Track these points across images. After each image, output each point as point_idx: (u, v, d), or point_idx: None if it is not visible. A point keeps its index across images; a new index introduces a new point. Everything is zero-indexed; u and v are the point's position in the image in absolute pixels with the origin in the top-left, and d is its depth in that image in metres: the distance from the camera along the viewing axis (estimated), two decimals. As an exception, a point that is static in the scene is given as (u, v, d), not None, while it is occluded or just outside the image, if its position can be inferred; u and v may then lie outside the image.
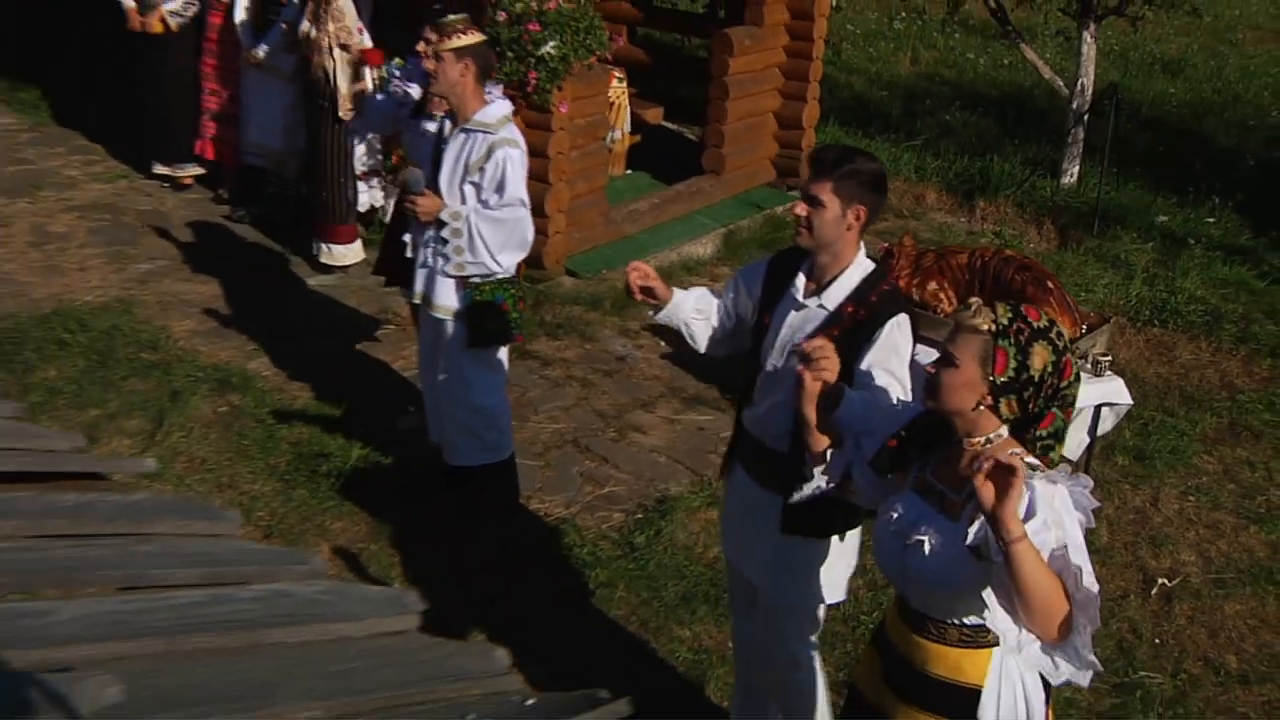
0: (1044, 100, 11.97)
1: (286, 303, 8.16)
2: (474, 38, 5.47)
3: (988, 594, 3.12)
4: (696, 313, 4.30)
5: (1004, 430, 3.10)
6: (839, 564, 4.28)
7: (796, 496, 3.84)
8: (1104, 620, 5.53)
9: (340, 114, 8.13)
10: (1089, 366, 6.16)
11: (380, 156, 8.84)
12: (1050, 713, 3.30)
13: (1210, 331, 8.38)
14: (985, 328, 3.06)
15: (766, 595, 4.29)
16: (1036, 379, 3.05)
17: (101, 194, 9.43)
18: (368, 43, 8.20)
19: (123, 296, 7.96)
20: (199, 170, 9.51)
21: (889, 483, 3.42)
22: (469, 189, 5.55)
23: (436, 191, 5.58)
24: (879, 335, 3.85)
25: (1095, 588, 2.93)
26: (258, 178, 9.20)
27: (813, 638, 4.34)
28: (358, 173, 8.63)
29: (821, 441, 3.58)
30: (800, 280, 4.01)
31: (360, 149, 8.60)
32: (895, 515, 3.31)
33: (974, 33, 14.26)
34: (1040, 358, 3.04)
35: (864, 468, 3.47)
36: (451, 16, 5.47)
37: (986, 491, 2.82)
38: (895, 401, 3.72)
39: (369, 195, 8.80)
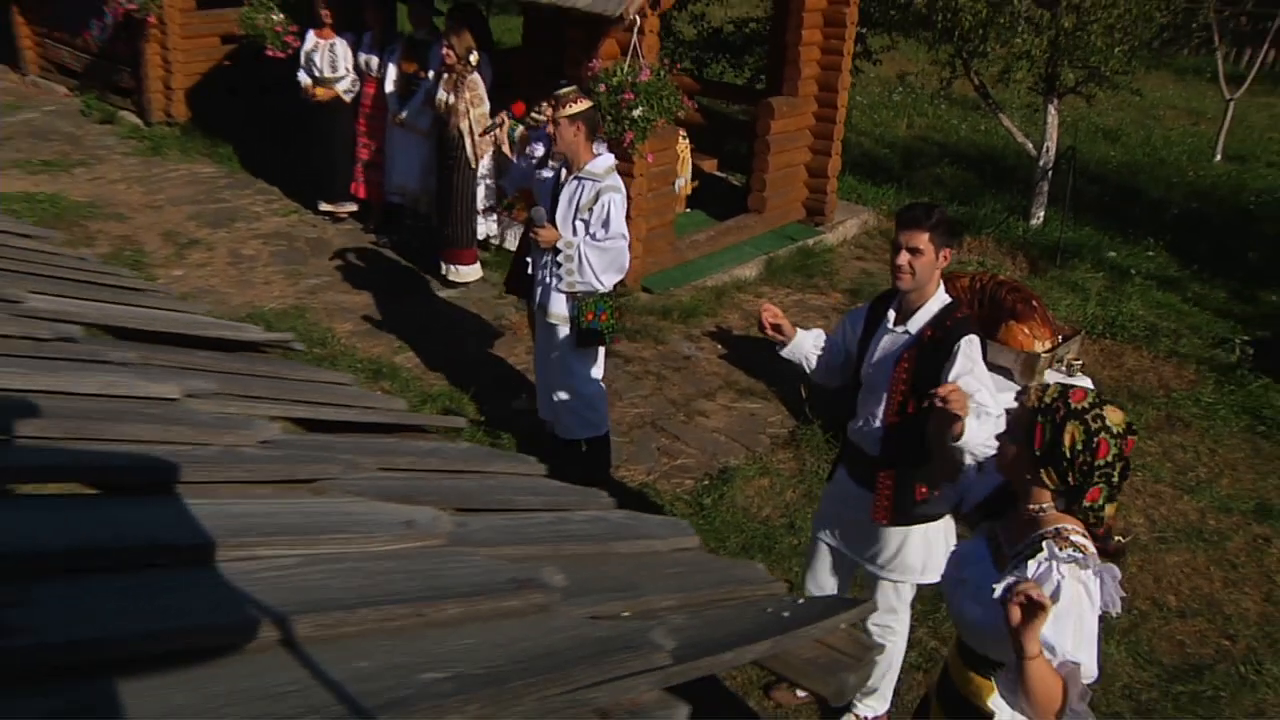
0: (1015, 159, 11.86)
1: (422, 310, 8.15)
2: (583, 105, 5.47)
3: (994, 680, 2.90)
4: (815, 349, 4.23)
5: (1051, 502, 2.84)
6: (923, 551, 4.13)
7: (923, 506, 3.89)
8: None
9: (472, 163, 8.19)
10: (1064, 368, 6.14)
11: (496, 198, 8.92)
12: None
13: (1149, 343, 8.27)
14: (1031, 404, 2.88)
15: (868, 570, 4.21)
16: (1068, 455, 2.76)
17: (279, 225, 9.47)
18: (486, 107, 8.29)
19: (298, 304, 8.02)
20: (353, 207, 9.55)
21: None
22: (579, 224, 5.54)
23: (554, 225, 5.57)
24: (957, 352, 3.75)
25: (1093, 678, 2.70)
26: (398, 212, 9.22)
27: (899, 608, 4.23)
28: (478, 209, 8.65)
29: (953, 464, 3.47)
30: (891, 313, 3.96)
31: (480, 190, 8.54)
32: (959, 554, 3.21)
33: (957, 104, 14.09)
34: (1071, 435, 2.75)
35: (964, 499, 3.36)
36: (565, 90, 5.46)
37: (1014, 614, 2.57)
38: (987, 404, 3.54)
39: (485, 227, 8.80)
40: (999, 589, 2.64)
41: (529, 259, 5.92)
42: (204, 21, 10.94)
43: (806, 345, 4.21)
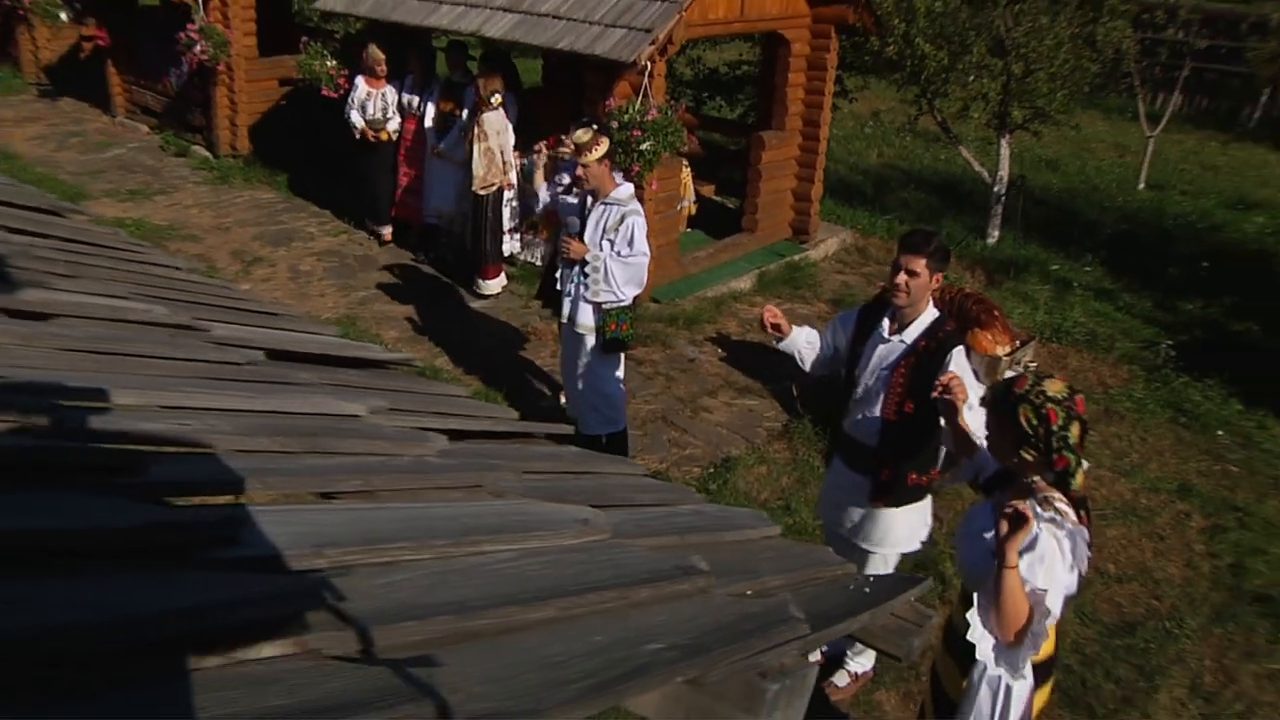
0: (972, 185, 11.85)
1: (457, 319, 8.19)
2: (605, 145, 5.50)
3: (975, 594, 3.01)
4: (807, 344, 4.30)
5: (1039, 476, 2.97)
6: (908, 528, 4.25)
7: (933, 483, 3.96)
8: None
9: (475, 187, 8.26)
10: (1022, 370, 6.26)
11: (519, 219, 9.02)
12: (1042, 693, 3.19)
13: (1089, 346, 8.31)
14: (989, 403, 3.05)
15: (858, 545, 4.26)
16: (1030, 432, 2.91)
17: (331, 244, 9.52)
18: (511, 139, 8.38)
19: (349, 314, 8.07)
20: (390, 228, 9.58)
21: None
22: (606, 243, 5.58)
23: (583, 242, 5.60)
24: (949, 361, 3.82)
25: (1053, 618, 2.86)
26: (434, 232, 9.25)
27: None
28: (504, 229, 8.70)
29: (966, 447, 3.46)
30: (886, 323, 3.99)
31: (505, 212, 8.62)
32: (969, 514, 3.30)
33: (921, 137, 14.08)
34: (1025, 416, 2.91)
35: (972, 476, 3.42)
36: (586, 135, 5.44)
37: (1003, 526, 2.79)
38: (975, 402, 3.56)
39: (509, 245, 8.88)
40: (989, 539, 2.89)
41: (558, 275, 5.96)
42: (264, 67, 11.04)
43: (800, 341, 4.29)
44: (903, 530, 4.24)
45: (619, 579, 1.10)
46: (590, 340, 5.80)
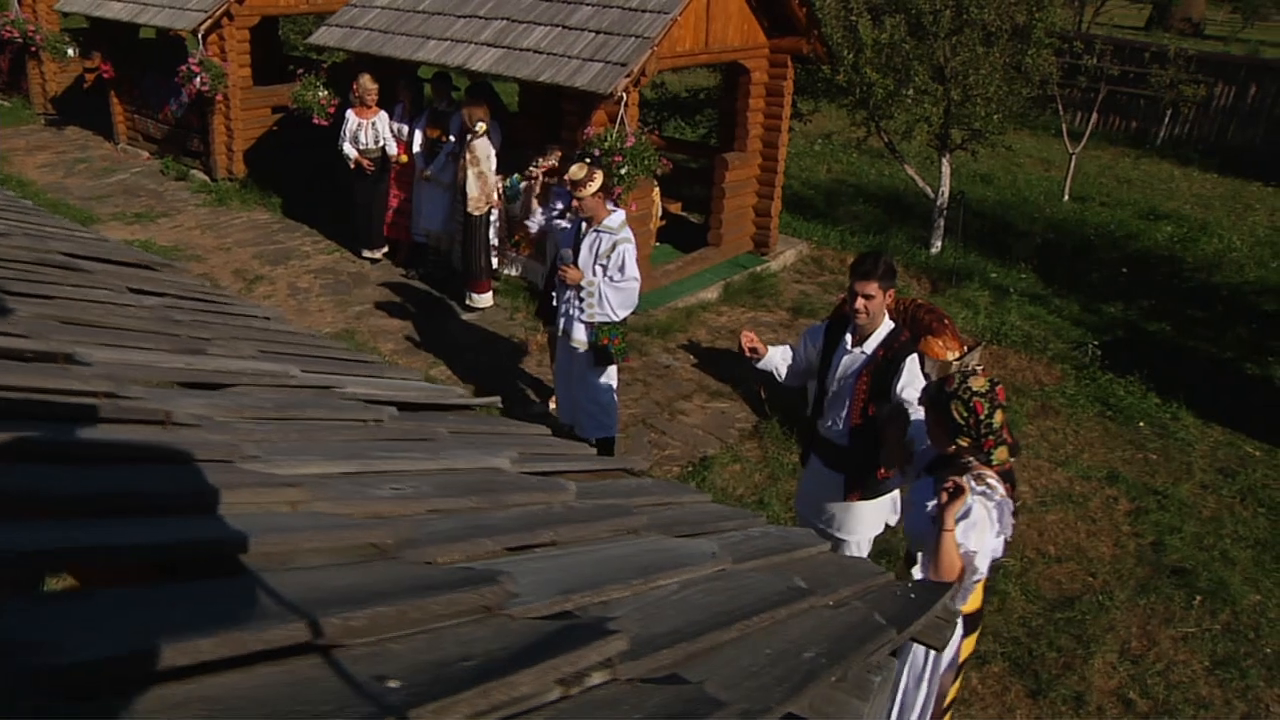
0: (914, 198, 11.98)
1: (449, 331, 8.21)
2: (600, 178, 5.59)
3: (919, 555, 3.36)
4: (782, 360, 4.48)
5: (973, 458, 3.27)
6: (876, 516, 4.48)
7: (885, 486, 4.17)
8: None
9: (466, 209, 8.29)
10: (970, 374, 6.45)
11: (501, 238, 9.06)
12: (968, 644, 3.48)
13: (1026, 347, 8.45)
14: (926, 403, 3.38)
15: (834, 535, 4.44)
16: (962, 424, 3.21)
17: (326, 262, 9.51)
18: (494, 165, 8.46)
19: (348, 328, 8.06)
20: (384, 249, 9.61)
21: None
22: (599, 268, 5.68)
23: (577, 267, 5.71)
24: (903, 368, 4.01)
25: (980, 575, 3.20)
26: (423, 250, 9.29)
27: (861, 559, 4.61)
28: (492, 247, 8.70)
29: (905, 455, 3.81)
30: (849, 337, 4.20)
31: (491, 232, 8.62)
32: (915, 492, 3.54)
33: (866, 153, 14.24)
34: (956, 411, 3.22)
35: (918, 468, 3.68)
36: (584, 170, 5.52)
37: (942, 496, 3.13)
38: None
39: (495, 261, 8.98)
40: (930, 507, 3.22)
41: (554, 294, 6.04)
42: (258, 96, 11.04)
43: (775, 359, 4.47)
44: (872, 518, 4.45)
45: (762, 602, 1.21)
46: (584, 353, 5.91)
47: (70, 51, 12.44)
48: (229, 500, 0.77)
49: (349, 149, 9.07)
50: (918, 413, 3.78)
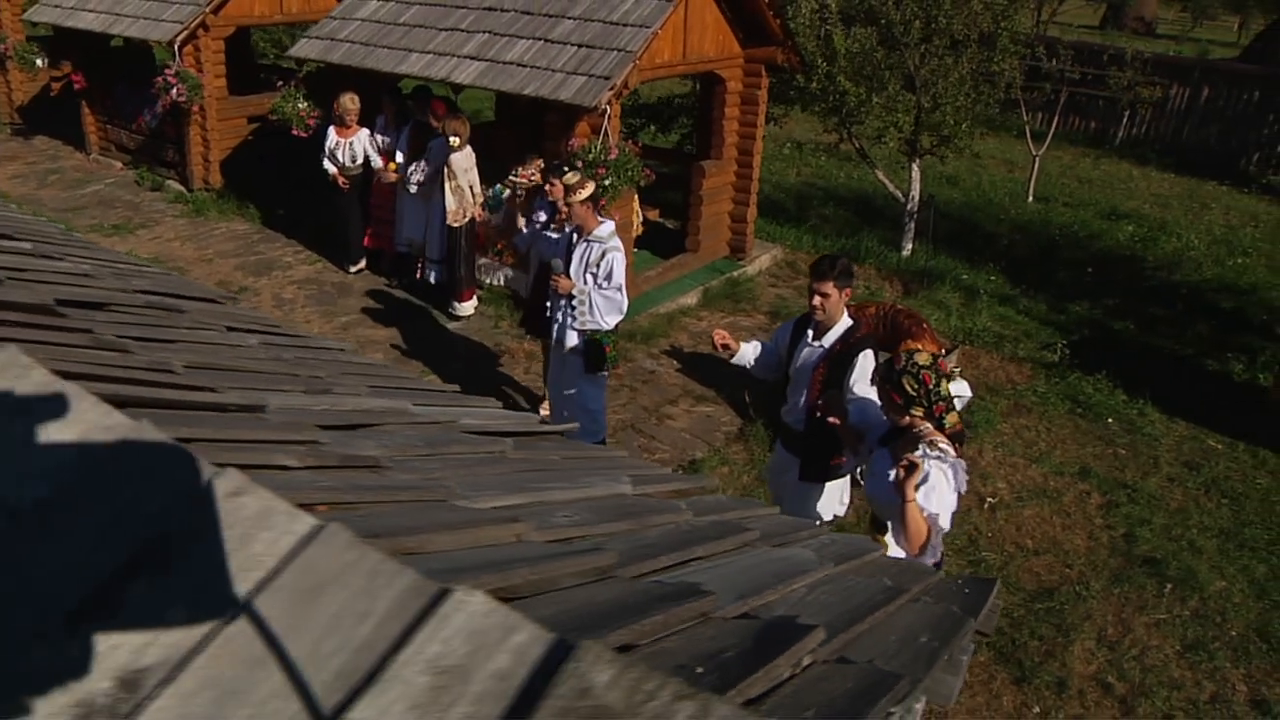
0: (883, 201, 12.13)
1: (436, 340, 8.29)
2: (591, 187, 5.75)
3: (891, 524, 3.74)
4: (754, 355, 4.78)
5: (925, 424, 3.63)
6: (827, 502, 4.79)
7: (843, 470, 4.46)
8: (958, 526, 6.13)
9: (448, 220, 8.42)
10: (946, 376, 6.70)
11: (480, 247, 9.21)
12: None
13: (997, 347, 8.68)
14: (879, 381, 3.72)
15: (792, 514, 4.84)
16: (914, 395, 3.59)
17: (308, 272, 9.53)
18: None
19: (336, 338, 8.22)
20: (363, 260, 9.63)
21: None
22: (589, 277, 5.83)
23: (569, 277, 5.84)
24: (856, 362, 4.35)
25: (945, 531, 3.51)
26: (405, 260, 9.31)
27: None
28: (475, 257, 8.83)
29: (854, 439, 4.14)
30: (810, 332, 4.55)
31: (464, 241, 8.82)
32: (873, 461, 3.89)
33: (834, 156, 14.49)
34: (908, 384, 3.59)
35: (873, 442, 4.01)
36: (577, 177, 5.69)
37: (900, 473, 3.46)
38: (870, 397, 4.18)
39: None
40: (890, 477, 3.54)
41: (547, 304, 6.16)
42: (234, 106, 11.08)
43: (748, 354, 4.78)
44: (824, 502, 4.78)
45: (872, 600, 1.38)
46: (575, 361, 6.07)
47: (39, 61, 12.38)
48: (479, 537, 0.94)
49: (327, 164, 9.17)
50: (861, 399, 4.19)
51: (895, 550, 3.70)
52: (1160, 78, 15.64)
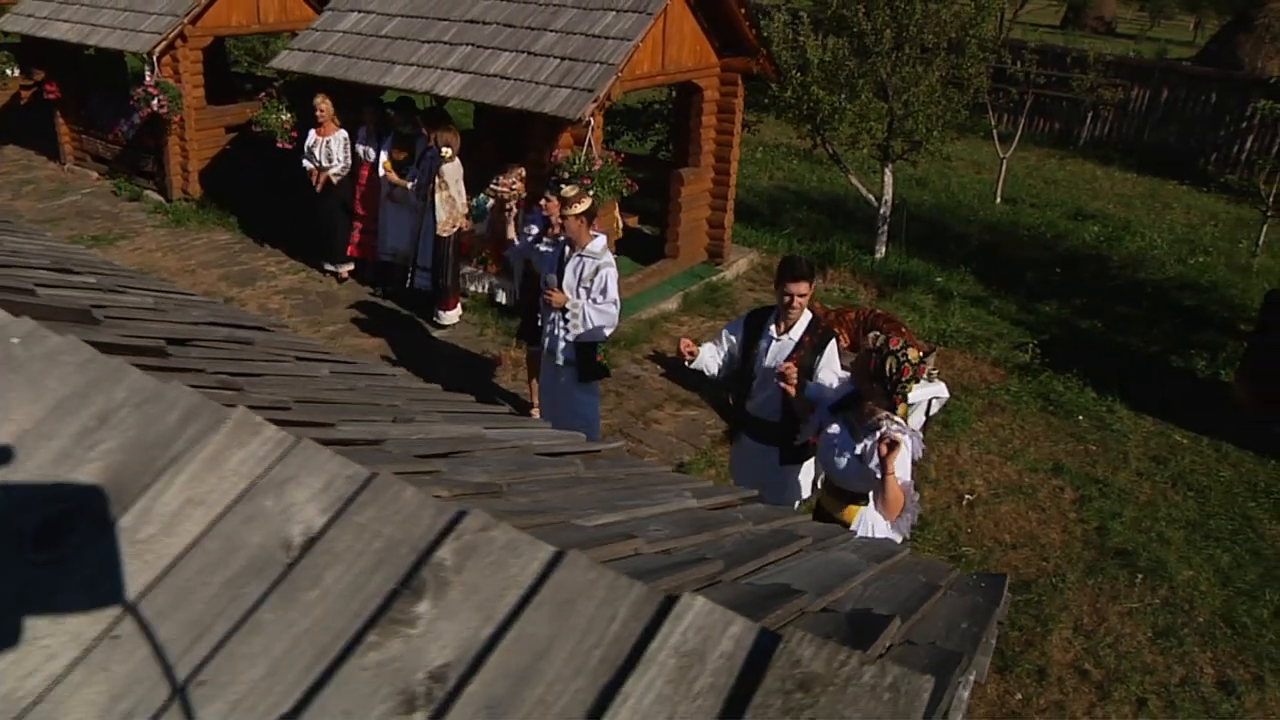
0: (855, 205, 12.27)
1: (423, 348, 8.40)
2: (586, 202, 5.83)
3: (870, 495, 4.12)
4: (712, 358, 5.08)
5: (878, 401, 4.03)
6: (804, 485, 5.13)
7: (799, 440, 4.77)
8: (938, 522, 6.42)
9: (437, 230, 8.56)
10: (926, 377, 6.93)
11: (464, 256, 9.34)
12: None
13: (971, 348, 8.89)
14: (869, 348, 4.05)
15: (768, 500, 5.08)
16: (888, 375, 3.95)
17: (293, 282, 9.59)
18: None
19: (325, 348, 8.34)
20: (350, 266, 9.76)
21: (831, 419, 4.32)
22: (582, 291, 5.96)
23: (561, 290, 5.95)
24: (825, 352, 4.72)
25: (916, 498, 4.01)
26: (389, 268, 9.42)
27: None
28: (460, 266, 8.96)
29: (807, 410, 4.52)
30: (773, 326, 4.86)
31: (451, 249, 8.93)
32: (830, 433, 4.23)
33: (806, 160, 14.70)
34: (889, 364, 3.95)
35: (824, 413, 4.35)
36: (570, 190, 5.81)
37: (883, 448, 3.85)
38: (834, 383, 4.59)
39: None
40: (869, 444, 3.97)
41: (539, 315, 6.31)
42: (212, 116, 11.12)
43: (706, 357, 5.06)
44: (800, 483, 5.09)
45: (916, 594, 1.57)
46: (568, 371, 6.21)
47: (9, 71, 12.34)
48: (609, 552, 1.12)
49: (305, 162, 9.37)
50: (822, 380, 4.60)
51: (867, 519, 4.13)
52: (1122, 79, 16.13)
